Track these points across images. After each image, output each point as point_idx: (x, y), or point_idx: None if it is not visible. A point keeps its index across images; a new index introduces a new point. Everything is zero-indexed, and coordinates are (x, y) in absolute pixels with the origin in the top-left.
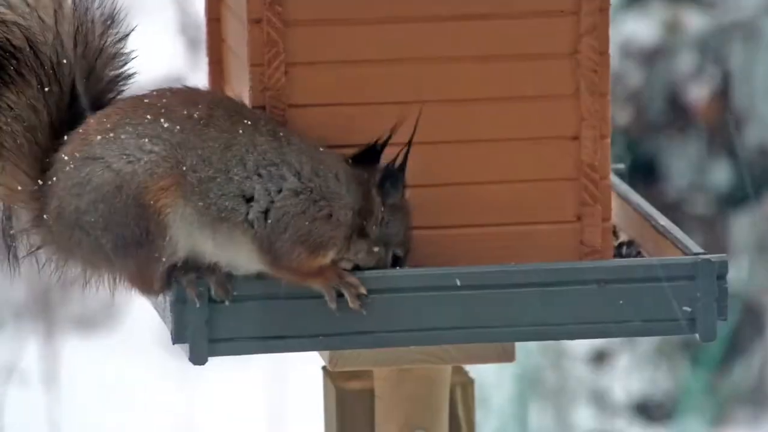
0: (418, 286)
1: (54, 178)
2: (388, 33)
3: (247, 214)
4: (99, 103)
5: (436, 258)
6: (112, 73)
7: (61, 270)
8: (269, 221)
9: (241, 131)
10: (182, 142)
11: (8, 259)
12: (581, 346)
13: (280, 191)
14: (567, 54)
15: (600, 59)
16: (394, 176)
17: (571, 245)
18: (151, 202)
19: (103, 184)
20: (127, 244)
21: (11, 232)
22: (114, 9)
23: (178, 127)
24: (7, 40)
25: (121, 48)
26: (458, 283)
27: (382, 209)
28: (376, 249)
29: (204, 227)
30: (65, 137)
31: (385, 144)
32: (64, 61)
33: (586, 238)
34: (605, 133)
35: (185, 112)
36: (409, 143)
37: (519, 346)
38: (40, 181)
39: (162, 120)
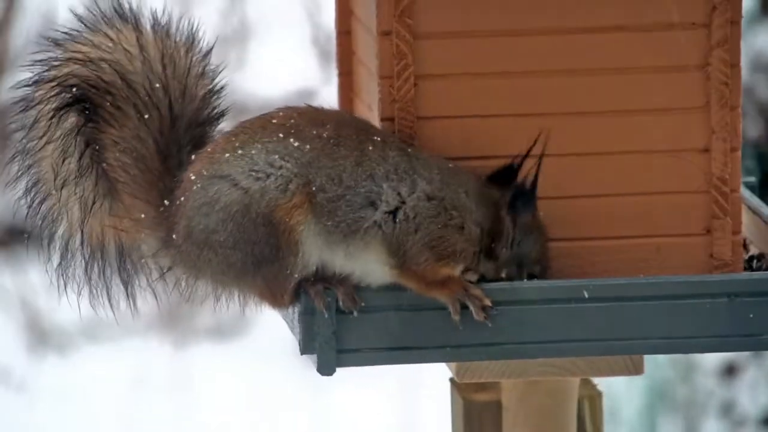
0: (546, 298)
1: (182, 198)
2: (518, 45)
3: (375, 216)
4: (197, 121)
5: (570, 270)
6: (204, 90)
7: (192, 288)
8: (398, 221)
9: (370, 148)
10: (312, 161)
11: (127, 294)
12: (711, 359)
13: (411, 193)
14: (698, 66)
15: (731, 72)
16: (525, 195)
17: (701, 258)
18: (285, 220)
19: (231, 203)
20: (257, 262)
21: (127, 266)
22: (192, 28)
23: (308, 146)
24: (98, 77)
25: (207, 64)
26: (586, 295)
27: (513, 229)
28: (504, 271)
29: (334, 243)
30: (173, 159)
31: (520, 165)
32: (157, 84)
33: (716, 251)
34: (736, 146)
35: (314, 132)
36: (539, 162)
37: (648, 358)
38: (161, 206)
39: (292, 139)
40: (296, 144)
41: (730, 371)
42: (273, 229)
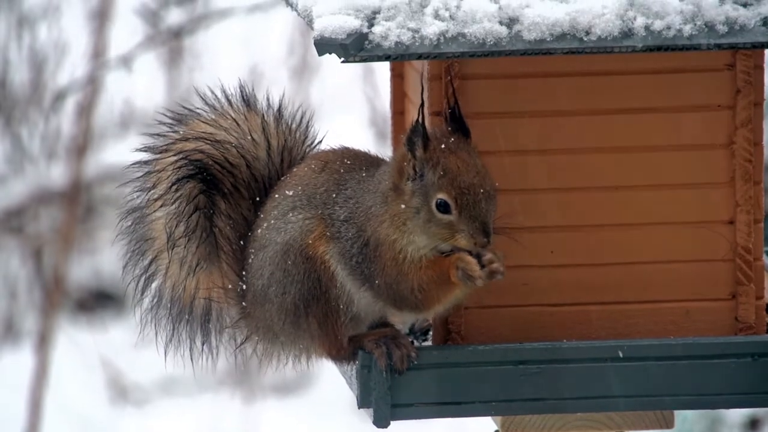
0: (584, 357)
1: (244, 273)
2: (556, 125)
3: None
4: None
5: (606, 331)
6: None
7: (268, 354)
8: (374, 288)
9: (337, 175)
10: (308, 193)
11: (209, 351)
12: (735, 414)
13: (357, 259)
14: (724, 145)
15: (754, 150)
16: (416, 130)
17: (726, 321)
18: (311, 253)
19: (273, 256)
20: (307, 301)
21: (209, 326)
22: (308, 119)
23: (299, 187)
24: (225, 158)
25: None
26: (621, 355)
27: (413, 163)
28: (414, 202)
29: (357, 279)
30: None
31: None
32: (275, 175)
33: (741, 314)
34: (759, 218)
35: (306, 169)
36: (422, 104)
37: (677, 412)
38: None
39: (288, 191)
40: (291, 192)
41: (753, 425)
42: (311, 264)
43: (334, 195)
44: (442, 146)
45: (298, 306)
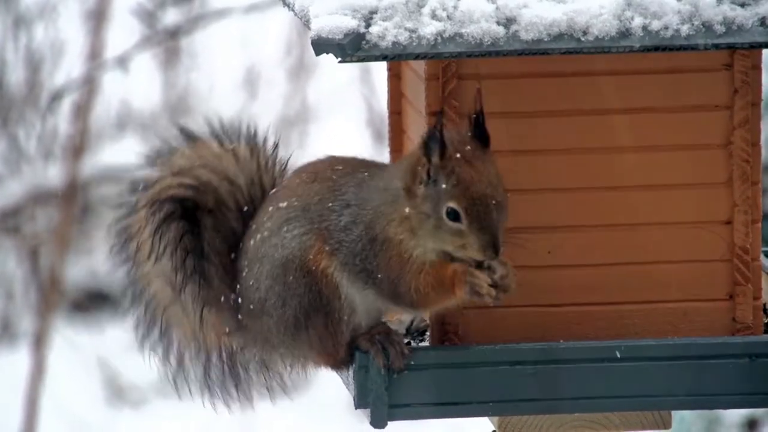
0: (582, 357)
1: (237, 286)
2: (554, 125)
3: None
4: None
5: (603, 331)
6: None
7: (265, 366)
8: (377, 283)
9: (330, 183)
10: (302, 205)
11: (246, 397)
12: (733, 414)
13: (361, 256)
14: (721, 145)
15: (752, 150)
16: (434, 136)
17: (724, 321)
18: (313, 268)
19: (272, 270)
20: (307, 313)
21: (232, 368)
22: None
23: (292, 199)
24: (198, 179)
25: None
26: (618, 355)
27: (428, 168)
28: (425, 207)
29: (360, 281)
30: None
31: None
32: (257, 181)
33: (738, 315)
34: (756, 218)
35: (297, 181)
36: (441, 112)
37: (675, 413)
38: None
39: (281, 203)
40: (284, 204)
41: (751, 426)
42: (312, 278)
43: (330, 204)
44: (458, 154)
45: (299, 318)
